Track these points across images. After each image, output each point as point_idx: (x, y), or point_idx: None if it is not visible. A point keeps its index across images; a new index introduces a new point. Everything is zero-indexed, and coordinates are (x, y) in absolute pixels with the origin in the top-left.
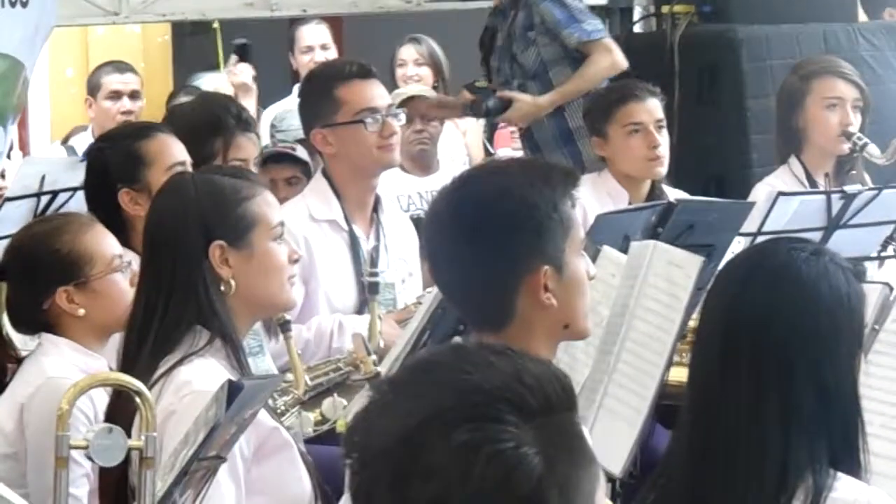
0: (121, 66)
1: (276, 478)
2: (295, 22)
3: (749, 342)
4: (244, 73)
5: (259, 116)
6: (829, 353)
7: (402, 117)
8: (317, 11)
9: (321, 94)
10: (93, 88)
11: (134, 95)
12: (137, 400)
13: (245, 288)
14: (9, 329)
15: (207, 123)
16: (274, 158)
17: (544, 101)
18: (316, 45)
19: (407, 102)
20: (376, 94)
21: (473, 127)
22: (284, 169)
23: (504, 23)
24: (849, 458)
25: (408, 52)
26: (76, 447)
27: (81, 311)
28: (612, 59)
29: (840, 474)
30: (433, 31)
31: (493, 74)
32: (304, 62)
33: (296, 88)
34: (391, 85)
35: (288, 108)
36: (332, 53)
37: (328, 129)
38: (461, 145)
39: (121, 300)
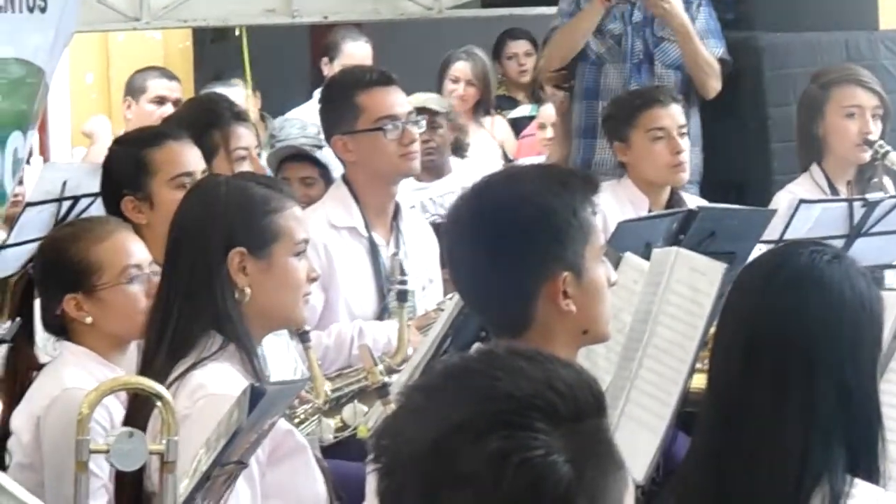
0: (167, 73)
1: (291, 481)
2: (334, 29)
3: (773, 343)
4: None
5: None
6: (852, 356)
7: (423, 124)
8: (338, 18)
9: (341, 100)
10: (135, 90)
11: (178, 104)
12: (158, 404)
13: (259, 298)
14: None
15: (203, 119)
16: (291, 157)
17: (684, 22)
18: (362, 64)
19: (419, 112)
20: (396, 101)
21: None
22: (301, 168)
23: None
24: (868, 463)
25: (463, 70)
26: (97, 451)
27: (89, 320)
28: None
29: (857, 480)
30: (453, 38)
31: (605, 38)
32: None
33: (317, 93)
34: (437, 91)
35: (288, 117)
36: None
37: (348, 136)
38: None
39: (130, 311)
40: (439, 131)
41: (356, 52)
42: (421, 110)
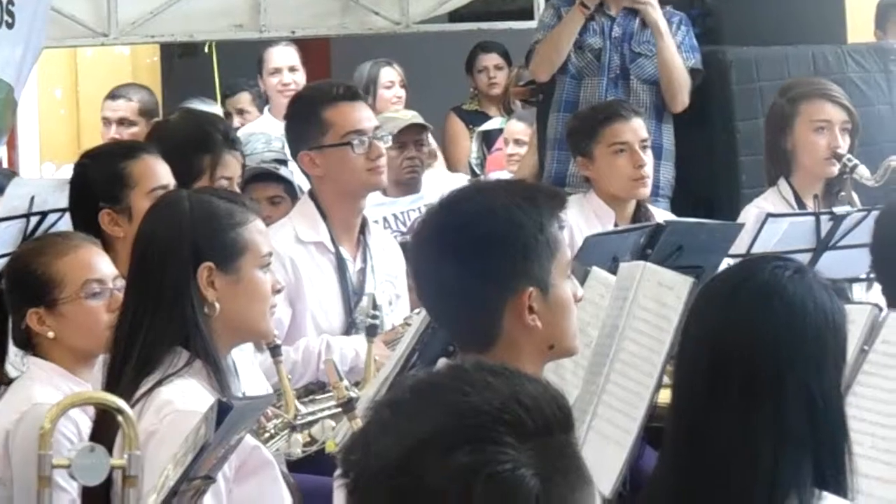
0: (115, 93)
1: (257, 497)
2: (263, 44)
3: (738, 358)
4: None
5: None
6: (817, 370)
7: (389, 139)
8: (306, 33)
9: (308, 116)
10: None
11: (122, 123)
12: (119, 418)
13: (227, 312)
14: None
15: (195, 140)
16: (257, 177)
17: (660, 22)
18: (284, 67)
19: (405, 129)
20: (363, 116)
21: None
22: (267, 187)
23: (626, 20)
24: (835, 476)
25: (392, 74)
26: (58, 466)
27: (51, 334)
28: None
29: (825, 494)
30: (421, 53)
31: (584, 52)
32: (272, 84)
33: (266, 110)
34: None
35: (251, 132)
36: (300, 76)
37: (315, 152)
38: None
39: (91, 325)
40: (425, 148)
41: (276, 57)
42: (412, 126)
